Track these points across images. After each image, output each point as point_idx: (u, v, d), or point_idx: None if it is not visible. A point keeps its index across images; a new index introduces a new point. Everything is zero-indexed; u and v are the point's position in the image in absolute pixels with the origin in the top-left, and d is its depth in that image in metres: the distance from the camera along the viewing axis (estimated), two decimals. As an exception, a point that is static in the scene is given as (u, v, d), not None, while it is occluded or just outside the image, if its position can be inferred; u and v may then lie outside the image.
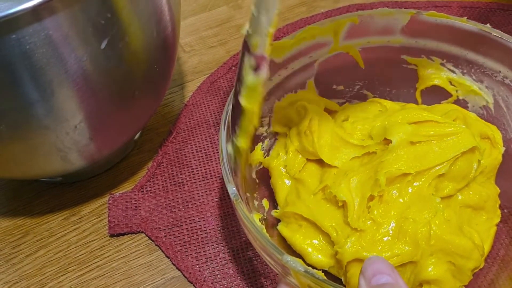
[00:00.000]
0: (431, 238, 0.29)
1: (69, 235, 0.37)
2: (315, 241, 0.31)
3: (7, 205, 0.39)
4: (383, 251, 0.28)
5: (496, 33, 0.32)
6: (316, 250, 0.31)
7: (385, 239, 0.29)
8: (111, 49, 0.29)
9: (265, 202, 0.35)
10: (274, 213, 0.34)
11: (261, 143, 0.36)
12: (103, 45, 0.28)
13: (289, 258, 0.24)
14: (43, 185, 0.40)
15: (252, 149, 0.35)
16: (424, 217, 0.29)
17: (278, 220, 0.34)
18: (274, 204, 0.35)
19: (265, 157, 0.36)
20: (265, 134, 0.37)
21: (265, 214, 0.34)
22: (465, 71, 0.35)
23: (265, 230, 0.27)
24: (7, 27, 0.24)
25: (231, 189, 0.27)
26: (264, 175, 0.36)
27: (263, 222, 0.33)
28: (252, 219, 0.26)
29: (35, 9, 0.24)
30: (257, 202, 0.34)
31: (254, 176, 0.35)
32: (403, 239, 0.29)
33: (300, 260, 0.25)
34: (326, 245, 0.31)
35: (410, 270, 0.29)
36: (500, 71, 0.33)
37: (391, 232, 0.29)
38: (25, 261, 0.36)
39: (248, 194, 0.33)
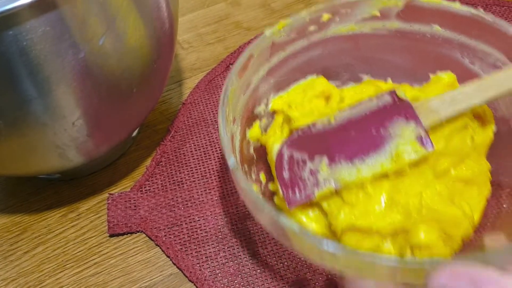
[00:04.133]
0: (422, 208, 0.30)
1: (67, 232, 0.37)
2: (310, 213, 0.32)
3: (5, 202, 0.39)
4: (376, 220, 0.30)
5: (488, 17, 0.33)
6: (311, 220, 0.32)
7: (377, 208, 0.30)
8: (109, 45, 0.29)
9: (262, 176, 0.36)
10: (271, 186, 0.35)
11: (259, 121, 0.37)
12: (101, 42, 0.28)
13: (285, 219, 0.25)
14: (41, 182, 0.40)
15: (250, 126, 0.36)
16: (416, 190, 0.30)
17: (274, 194, 0.35)
18: (271, 177, 0.36)
19: (262, 134, 0.37)
20: (263, 113, 0.37)
21: (262, 188, 0.35)
22: (458, 54, 0.36)
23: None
24: (4, 23, 0.24)
25: (231, 159, 0.28)
26: (262, 152, 0.37)
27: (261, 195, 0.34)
28: (250, 185, 0.27)
29: (32, 5, 0.24)
30: (255, 176, 0.35)
31: (251, 152, 0.36)
32: (395, 209, 0.30)
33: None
34: (320, 215, 0.32)
35: (402, 237, 0.30)
36: (491, 54, 0.34)
37: (383, 203, 0.30)
38: (23, 258, 0.36)
39: (246, 166, 0.34)
